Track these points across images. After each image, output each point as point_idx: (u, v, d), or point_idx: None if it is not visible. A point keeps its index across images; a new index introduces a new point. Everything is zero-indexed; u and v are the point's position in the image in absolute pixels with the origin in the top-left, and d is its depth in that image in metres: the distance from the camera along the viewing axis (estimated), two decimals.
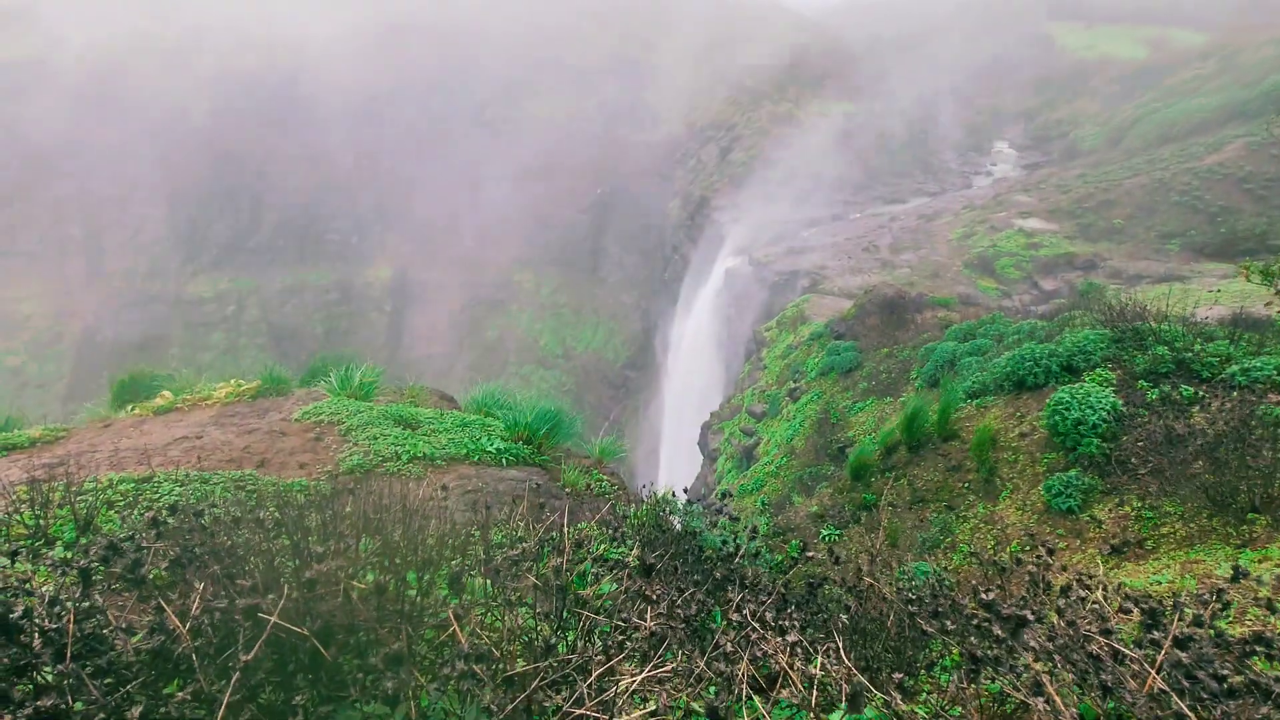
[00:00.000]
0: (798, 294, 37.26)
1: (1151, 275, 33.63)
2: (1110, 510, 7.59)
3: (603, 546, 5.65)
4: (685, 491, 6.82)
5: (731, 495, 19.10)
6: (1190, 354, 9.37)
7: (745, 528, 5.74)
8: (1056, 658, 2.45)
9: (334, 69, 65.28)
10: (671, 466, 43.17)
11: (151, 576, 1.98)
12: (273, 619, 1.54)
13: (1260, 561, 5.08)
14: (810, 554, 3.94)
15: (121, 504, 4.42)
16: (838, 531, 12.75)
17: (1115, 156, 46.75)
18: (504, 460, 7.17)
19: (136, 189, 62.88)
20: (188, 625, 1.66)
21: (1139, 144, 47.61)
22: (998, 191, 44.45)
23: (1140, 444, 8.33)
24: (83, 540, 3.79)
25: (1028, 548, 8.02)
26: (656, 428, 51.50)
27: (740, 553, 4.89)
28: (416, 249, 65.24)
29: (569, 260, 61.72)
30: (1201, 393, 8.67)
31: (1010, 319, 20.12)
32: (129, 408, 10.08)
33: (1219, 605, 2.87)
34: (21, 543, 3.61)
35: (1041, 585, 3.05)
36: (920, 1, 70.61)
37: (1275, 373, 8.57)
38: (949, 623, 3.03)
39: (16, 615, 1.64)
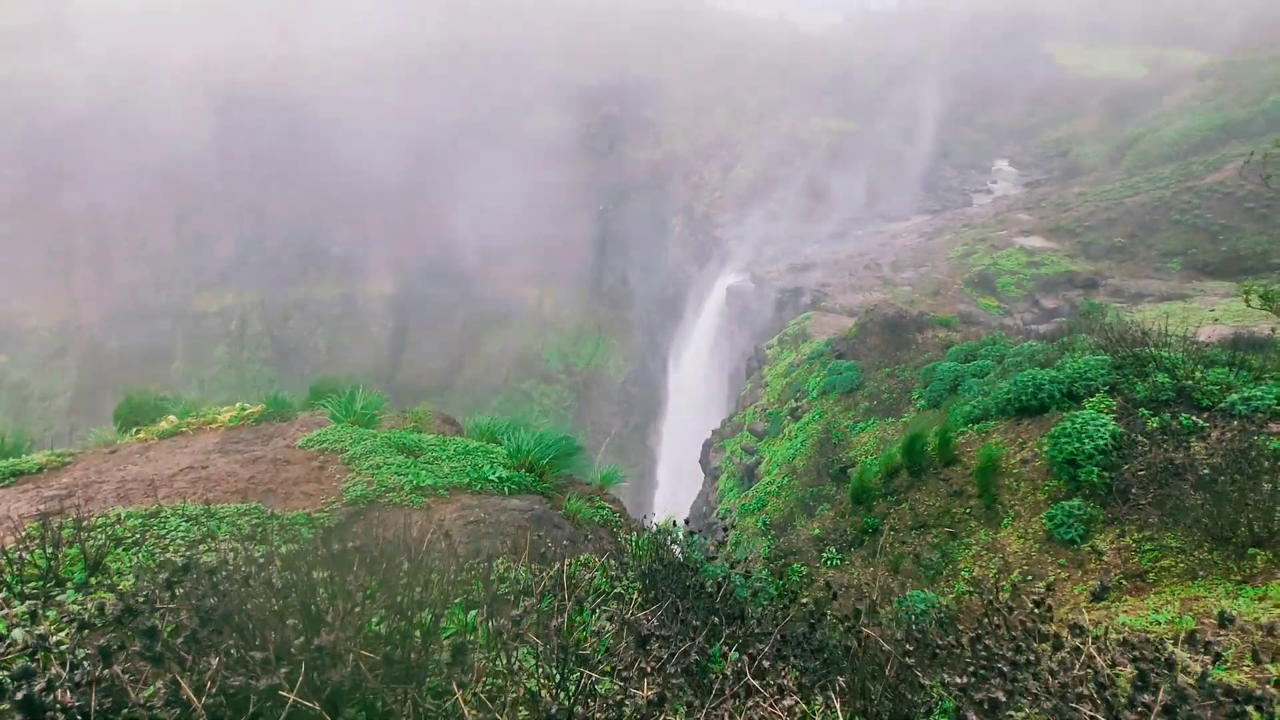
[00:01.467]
0: (800, 311, 37.38)
1: (1153, 294, 33.65)
2: (1111, 541, 7.60)
3: (604, 583, 5.68)
4: (687, 523, 6.86)
5: (733, 528, 18.98)
6: (1191, 382, 9.40)
7: (744, 559, 5.78)
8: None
9: (341, 86, 66.09)
10: (673, 484, 43.06)
11: (168, 641, 2.03)
12: (291, 698, 1.60)
13: (1260, 600, 5.09)
14: (805, 600, 3.98)
15: (130, 541, 4.48)
16: (839, 555, 12.72)
17: (1116, 175, 46.99)
18: (506, 489, 7.22)
19: (145, 203, 63.50)
20: (203, 700, 1.72)
21: (1139, 162, 47.86)
22: (998, 209, 44.66)
23: (1141, 473, 8.35)
24: (93, 580, 3.85)
25: (1026, 579, 8.02)
26: (658, 444, 51.42)
27: (726, 588, 4.93)
28: (419, 264, 65.63)
29: (571, 276, 62.01)
30: (1201, 422, 8.70)
31: (1011, 339, 20.17)
32: (134, 431, 10.16)
33: (1209, 659, 2.90)
34: (33, 584, 3.67)
35: (1036, 637, 3.09)
36: (921, 21, 71.38)
37: (1275, 402, 8.59)
38: (946, 674, 3.06)
39: (40, 689, 1.70)
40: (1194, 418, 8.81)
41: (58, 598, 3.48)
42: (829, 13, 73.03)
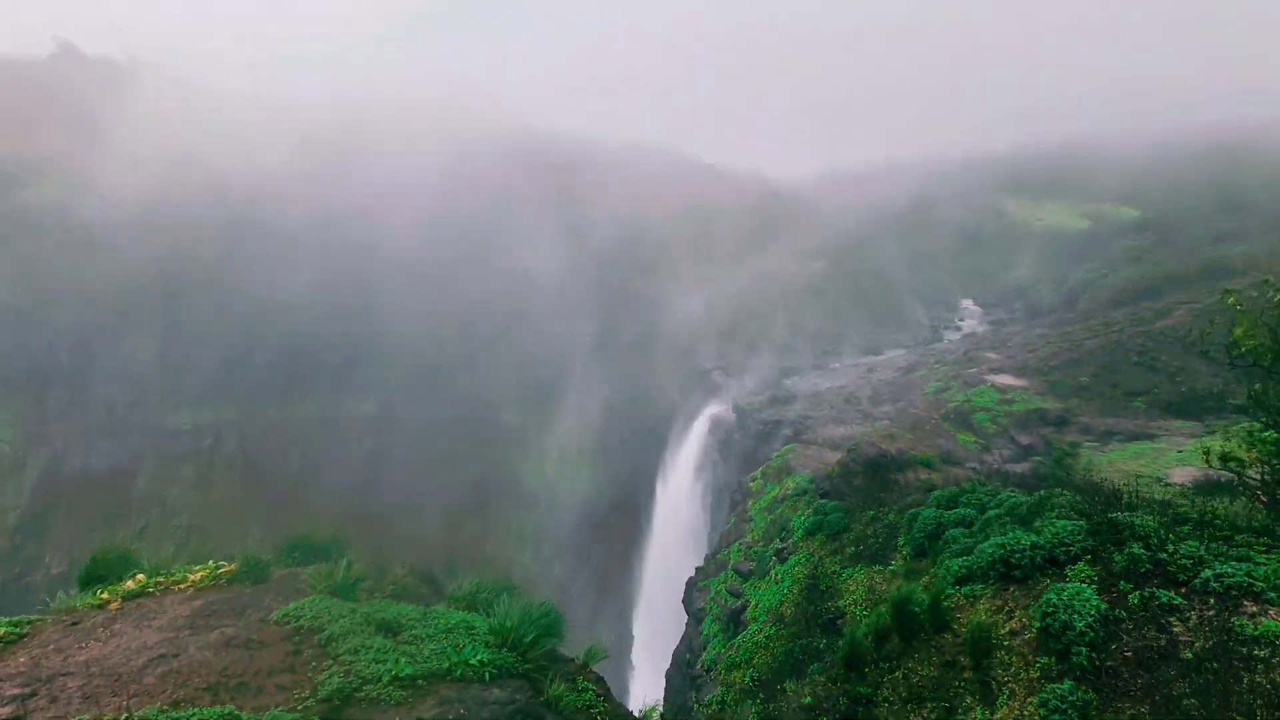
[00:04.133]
0: (781, 443, 37.73)
1: (1122, 432, 34.59)
2: None
3: None
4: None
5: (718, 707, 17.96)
6: (1165, 554, 9.61)
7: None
8: None
9: (341, 215, 69.77)
10: (654, 624, 40.96)
11: None
12: None
13: None
14: None
15: None
16: None
17: (1073, 317, 49.95)
18: (488, 674, 6.98)
19: (134, 320, 64.23)
20: None
21: (1093, 306, 51.12)
22: (968, 347, 46.78)
23: (1128, 654, 8.31)
24: None
25: None
26: (640, 576, 49.51)
27: None
28: (404, 384, 65.92)
29: (554, 400, 62.52)
30: (1178, 599, 8.82)
31: (990, 482, 20.46)
32: (97, 590, 9.75)
33: None
34: None
35: None
36: (884, 175, 78.71)
37: (1246, 578, 8.79)
38: None
39: None
40: (1171, 594, 8.93)
41: None
42: (799, 166, 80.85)
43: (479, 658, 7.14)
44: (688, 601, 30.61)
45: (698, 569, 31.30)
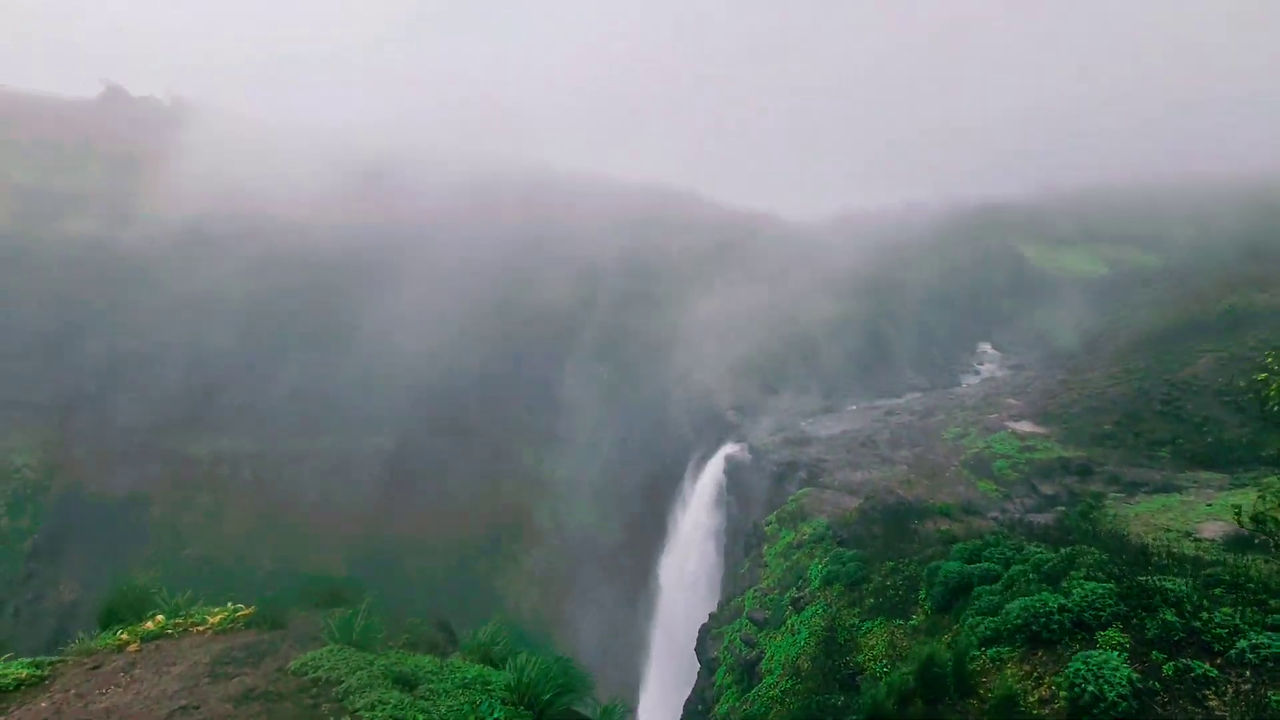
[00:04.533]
0: (797, 485, 37.26)
1: (1149, 484, 33.67)
2: None
3: None
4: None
5: None
6: (1199, 623, 9.33)
7: None
8: None
9: (359, 250, 71.51)
10: (665, 669, 39.99)
11: None
12: None
13: None
14: None
15: None
16: None
17: (1094, 362, 49.29)
18: None
19: (163, 351, 65.66)
20: None
21: (1114, 351, 50.44)
22: (987, 392, 46.26)
23: None
24: None
25: None
26: (650, 619, 48.53)
27: None
28: (421, 420, 66.33)
29: (567, 436, 62.48)
30: (1214, 670, 8.53)
31: (1014, 537, 19.99)
32: (116, 630, 9.82)
33: None
34: None
35: None
36: (899, 217, 79.35)
37: None
38: None
39: None
40: (1206, 665, 8.64)
41: None
42: (813, 208, 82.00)
43: (496, 715, 7.06)
44: (701, 649, 29.91)
45: (711, 615, 30.67)
